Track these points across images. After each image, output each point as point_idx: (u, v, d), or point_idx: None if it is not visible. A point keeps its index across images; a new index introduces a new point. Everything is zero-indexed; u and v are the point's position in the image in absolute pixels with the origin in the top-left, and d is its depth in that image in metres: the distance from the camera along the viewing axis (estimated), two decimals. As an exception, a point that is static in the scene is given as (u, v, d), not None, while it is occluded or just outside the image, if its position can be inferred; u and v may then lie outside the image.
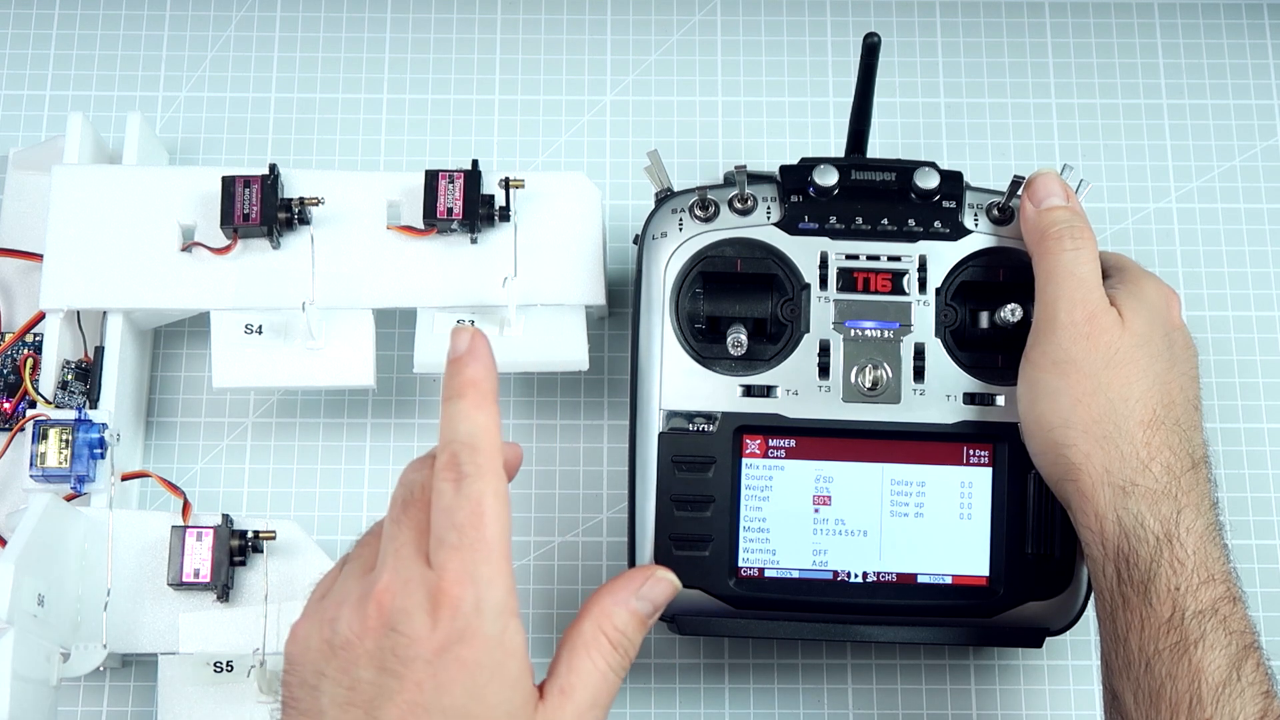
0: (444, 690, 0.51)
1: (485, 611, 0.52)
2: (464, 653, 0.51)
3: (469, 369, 0.55)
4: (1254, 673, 0.59)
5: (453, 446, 0.53)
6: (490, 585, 0.52)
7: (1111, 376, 0.63)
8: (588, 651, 0.55)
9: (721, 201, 0.71)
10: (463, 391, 0.55)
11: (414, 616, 0.52)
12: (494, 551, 0.52)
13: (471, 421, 0.54)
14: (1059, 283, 0.66)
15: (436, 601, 0.51)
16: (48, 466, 0.70)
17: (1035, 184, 0.69)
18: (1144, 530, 0.61)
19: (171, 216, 0.75)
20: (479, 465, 0.53)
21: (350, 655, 0.52)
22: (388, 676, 0.52)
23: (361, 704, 0.52)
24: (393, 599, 0.52)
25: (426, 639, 0.51)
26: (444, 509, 0.53)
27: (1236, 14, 0.87)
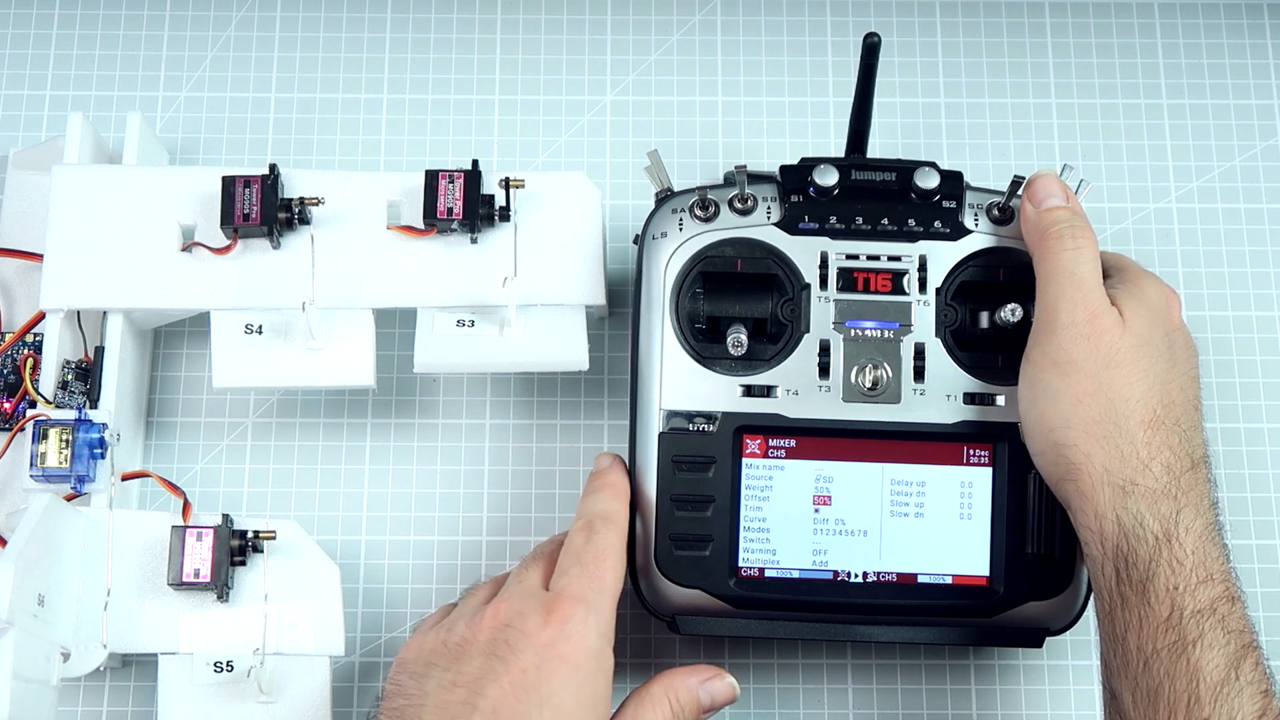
0: (545, 678, 0.59)
1: (591, 626, 0.60)
2: (568, 650, 0.59)
3: (611, 475, 0.68)
4: (1252, 672, 0.59)
5: (590, 516, 0.65)
6: (599, 611, 0.61)
7: (1112, 377, 0.63)
8: (652, 705, 0.63)
9: (721, 201, 0.71)
10: (603, 487, 0.67)
11: (529, 618, 0.60)
12: (607, 588, 0.62)
13: (609, 505, 0.66)
14: (1059, 283, 0.66)
15: (550, 609, 0.60)
16: (48, 466, 0.70)
17: (1035, 184, 0.69)
18: (1143, 530, 0.61)
19: (171, 216, 0.75)
20: (610, 529, 0.65)
21: (462, 650, 0.61)
22: (495, 661, 0.59)
23: (466, 684, 0.59)
24: (510, 607, 0.61)
25: (538, 633, 0.60)
26: (572, 550, 0.63)
27: (1236, 14, 0.87)
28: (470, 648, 0.61)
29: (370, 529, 0.77)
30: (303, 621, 0.71)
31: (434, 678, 0.60)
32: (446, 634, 0.62)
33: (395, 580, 0.77)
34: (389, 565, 0.77)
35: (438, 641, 0.62)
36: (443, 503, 0.78)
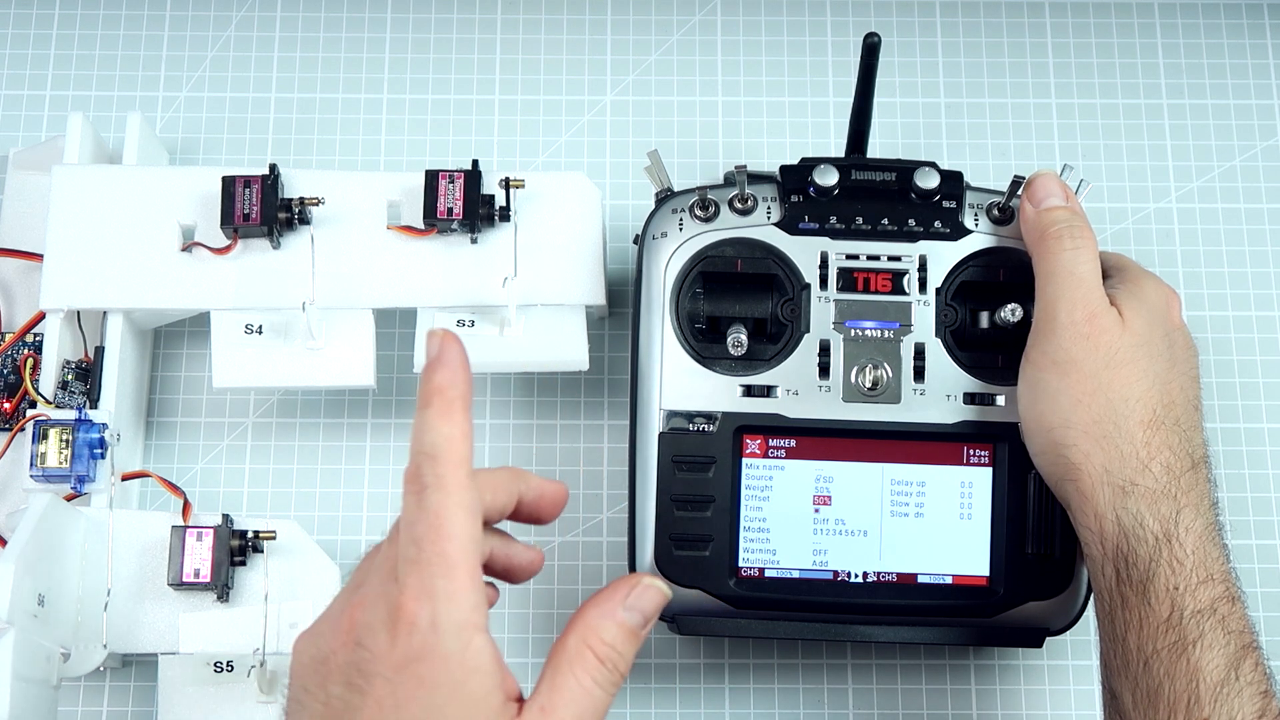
0: (402, 708, 0.49)
1: (443, 628, 0.50)
2: (421, 670, 0.50)
3: (436, 375, 0.53)
4: (1252, 672, 0.59)
5: (417, 457, 0.51)
6: (449, 601, 0.50)
7: (1112, 376, 0.63)
8: (571, 667, 0.52)
9: (722, 201, 0.71)
10: (429, 399, 0.52)
11: (376, 632, 0.50)
12: (454, 566, 0.50)
13: (435, 431, 0.51)
14: (1059, 282, 0.66)
15: (395, 617, 0.50)
16: (48, 466, 0.70)
17: (1035, 184, 0.69)
18: (1143, 530, 0.61)
19: (171, 216, 0.75)
20: (440, 476, 0.51)
21: (325, 670, 0.51)
22: (353, 693, 0.50)
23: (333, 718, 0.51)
24: (361, 616, 0.51)
25: (386, 656, 0.50)
26: (406, 523, 0.51)
27: (1236, 14, 0.87)
28: (331, 669, 0.51)
29: (370, 529, 0.77)
30: (303, 621, 0.70)
31: (308, 707, 0.52)
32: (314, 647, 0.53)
33: (395, 580, 0.77)
34: (389, 565, 0.77)
35: (309, 658, 0.53)
36: (443, 503, 0.78)
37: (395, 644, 0.50)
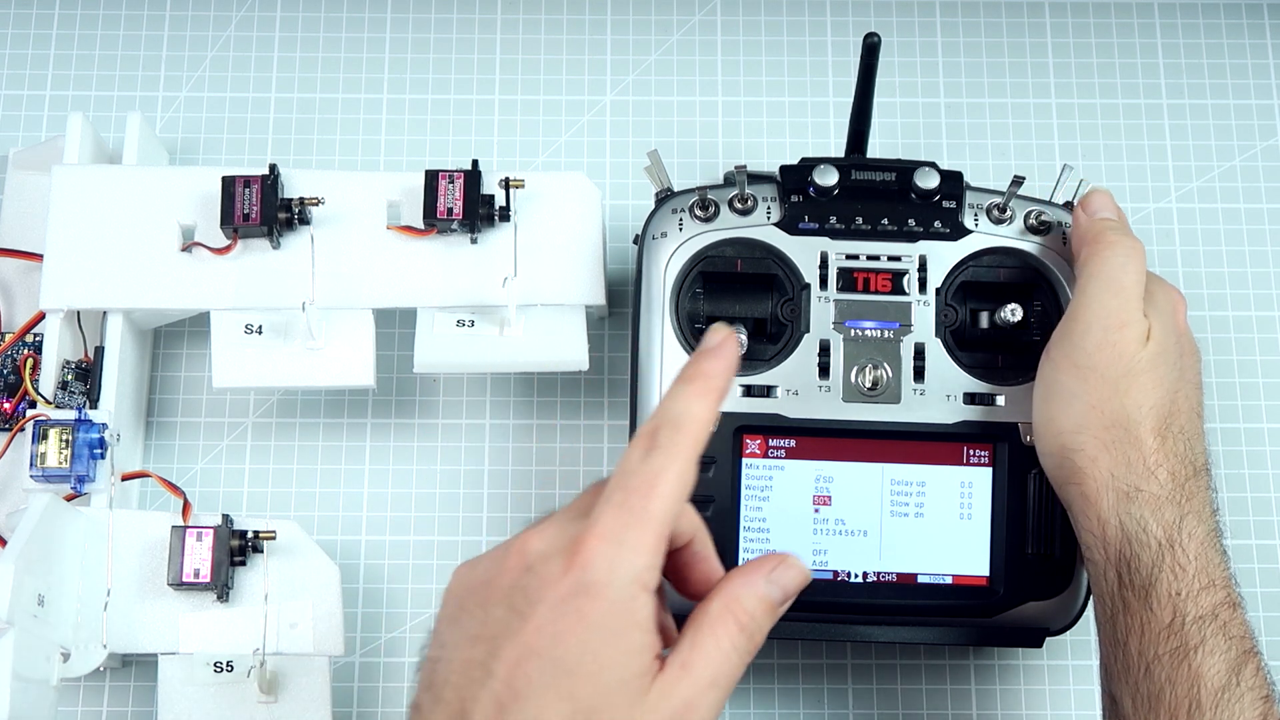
0: (559, 640, 0.50)
1: (618, 574, 0.51)
2: (586, 607, 0.50)
3: (708, 362, 0.55)
4: (1253, 678, 0.59)
5: (658, 420, 0.53)
6: (633, 552, 0.51)
7: (1129, 384, 0.63)
8: (713, 629, 0.53)
9: (721, 201, 0.71)
10: (692, 378, 0.54)
11: (550, 560, 0.51)
12: (650, 523, 0.51)
13: (687, 404, 0.54)
14: (1101, 285, 0.65)
15: (575, 549, 0.51)
16: (48, 466, 0.70)
17: (1091, 196, 0.69)
18: (1146, 535, 0.61)
19: (171, 216, 0.75)
20: (674, 443, 0.53)
21: (487, 592, 0.52)
22: (514, 615, 0.51)
23: (487, 639, 0.51)
24: (537, 544, 0.52)
25: (555, 584, 0.51)
26: (623, 471, 0.53)
27: (1236, 14, 0.87)
28: (494, 592, 0.52)
29: (370, 529, 0.77)
30: (303, 621, 0.71)
31: (462, 626, 0.53)
32: (484, 568, 0.54)
33: (395, 580, 0.77)
34: (389, 565, 0.77)
35: (473, 577, 0.54)
36: (443, 503, 0.78)
37: (568, 574, 0.50)
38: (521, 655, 0.50)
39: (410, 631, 0.76)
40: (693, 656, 0.52)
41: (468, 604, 0.53)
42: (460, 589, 0.54)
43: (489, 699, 0.50)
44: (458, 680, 0.51)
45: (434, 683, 0.52)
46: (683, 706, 0.51)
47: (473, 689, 0.51)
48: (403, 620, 0.76)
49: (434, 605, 0.75)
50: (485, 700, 0.50)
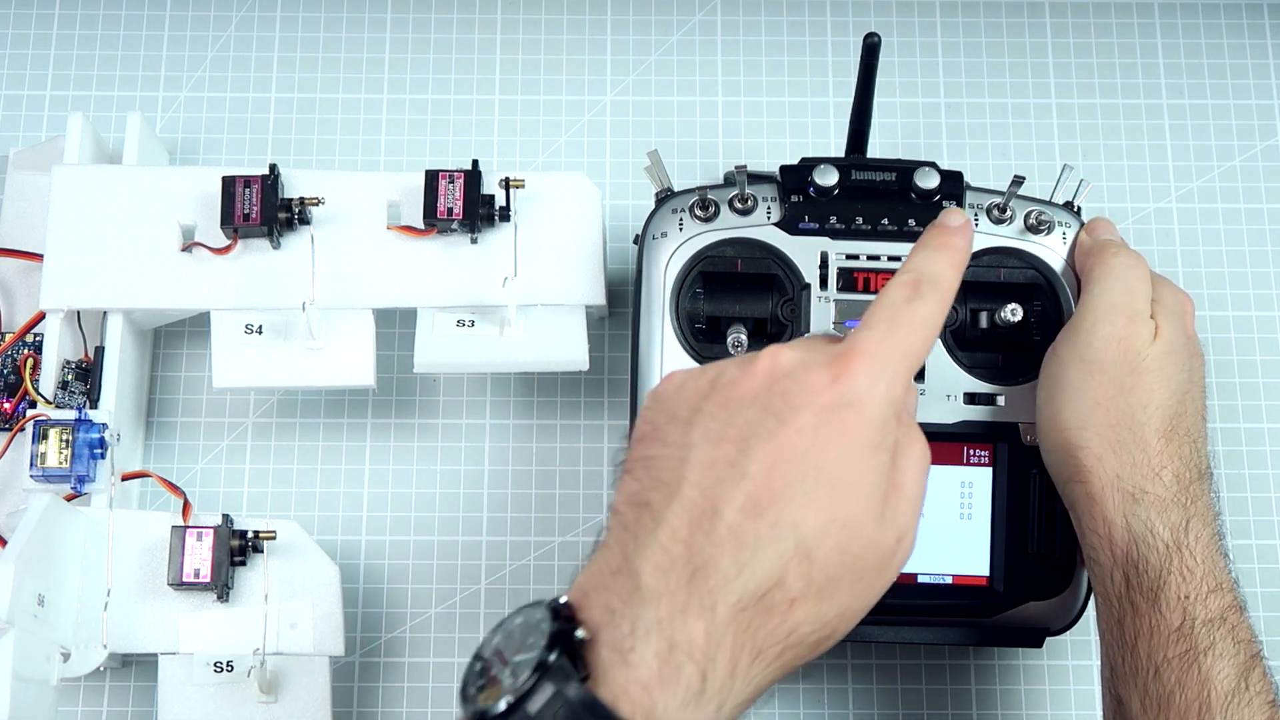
0: (820, 447, 0.51)
1: (879, 394, 0.52)
2: (849, 419, 0.52)
3: (956, 237, 0.59)
4: (1260, 682, 0.59)
5: (920, 274, 0.56)
6: (893, 379, 0.53)
7: (1135, 383, 0.63)
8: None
9: (722, 201, 0.71)
10: (942, 246, 0.58)
11: (812, 371, 0.52)
12: (909, 360, 0.54)
13: (942, 267, 0.57)
14: (1108, 284, 0.65)
15: (841, 363, 0.52)
16: (48, 466, 0.70)
17: (1095, 223, 0.70)
18: (1153, 538, 0.61)
19: (171, 216, 0.75)
20: (935, 296, 0.56)
21: (733, 394, 0.53)
22: (769, 417, 0.52)
23: (734, 439, 0.52)
24: (790, 353, 0.54)
25: (821, 391, 0.52)
26: (886, 306, 0.55)
27: (1236, 14, 0.87)
28: (742, 394, 0.53)
29: (370, 529, 0.77)
30: (303, 621, 0.70)
31: (701, 426, 0.53)
32: (717, 375, 0.54)
33: (395, 580, 0.77)
34: (389, 565, 0.77)
35: (705, 382, 0.54)
36: (443, 503, 0.78)
37: (833, 385, 0.52)
38: (778, 457, 0.51)
39: (410, 631, 0.76)
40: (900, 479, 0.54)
41: (704, 406, 0.53)
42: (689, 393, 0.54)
43: (742, 497, 0.51)
44: (701, 477, 0.51)
45: (665, 479, 0.52)
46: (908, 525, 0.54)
47: (723, 486, 0.51)
48: (403, 620, 0.76)
49: (434, 605, 0.76)
50: (737, 498, 0.50)
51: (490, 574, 0.77)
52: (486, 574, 0.77)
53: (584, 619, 0.50)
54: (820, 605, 0.51)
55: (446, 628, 0.76)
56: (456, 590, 0.76)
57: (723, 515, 0.50)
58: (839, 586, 0.51)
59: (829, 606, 0.52)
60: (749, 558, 0.50)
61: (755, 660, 0.50)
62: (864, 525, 0.52)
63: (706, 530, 0.50)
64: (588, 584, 0.51)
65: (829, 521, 0.51)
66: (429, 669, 0.75)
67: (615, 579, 0.50)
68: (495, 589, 0.76)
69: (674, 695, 0.48)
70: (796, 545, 0.50)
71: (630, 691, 0.48)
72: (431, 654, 0.76)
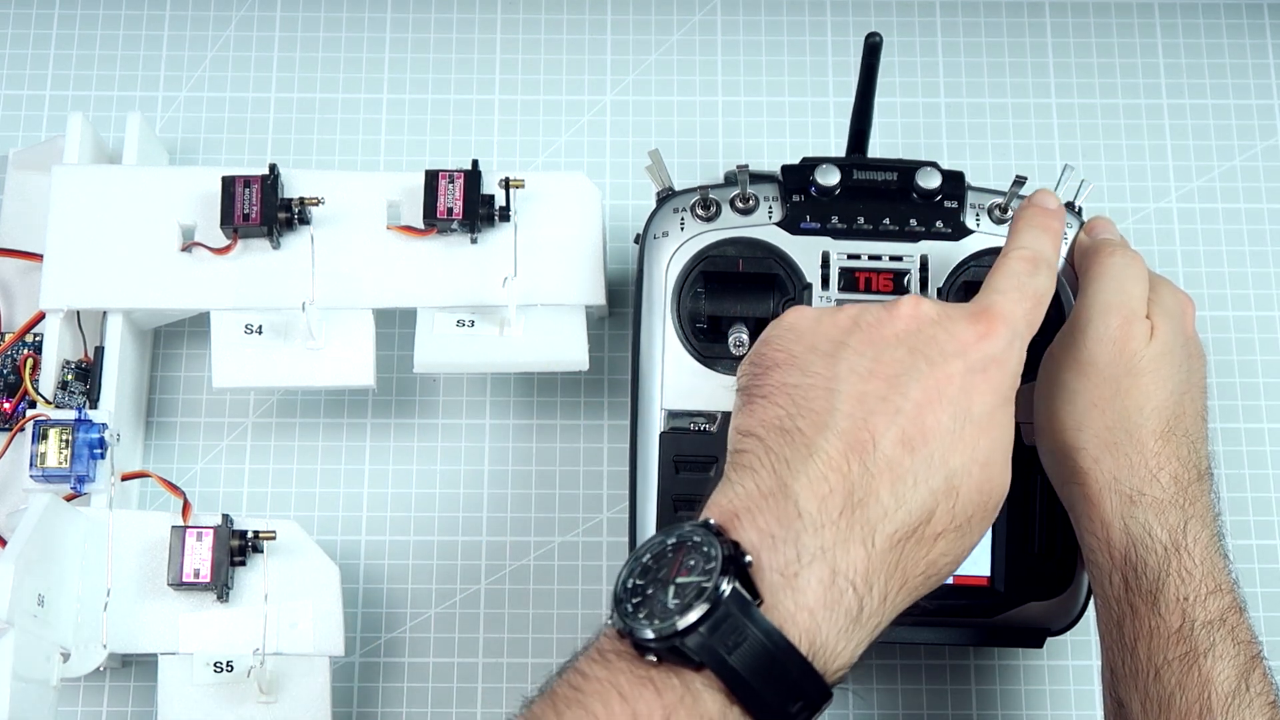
0: (967, 393, 0.54)
1: (1014, 354, 0.57)
2: (993, 372, 0.55)
3: (1056, 220, 0.63)
4: (1261, 683, 0.59)
5: (1036, 251, 0.61)
6: (1023, 344, 0.58)
7: (1131, 384, 0.63)
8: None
9: (723, 201, 0.71)
10: (1050, 227, 0.62)
11: (957, 322, 0.56)
12: (1032, 329, 0.59)
13: (1051, 248, 0.62)
14: (1103, 285, 0.65)
15: (986, 321, 0.56)
16: (48, 466, 0.70)
17: (1094, 222, 0.70)
18: (1152, 540, 0.61)
19: (171, 216, 0.75)
20: (1050, 274, 0.60)
21: (879, 333, 0.56)
22: (919, 358, 0.55)
23: (885, 377, 0.54)
24: (931, 306, 0.57)
25: (971, 345, 0.55)
26: (1014, 275, 0.59)
27: (1236, 14, 0.87)
28: (889, 334, 0.56)
29: (370, 529, 0.77)
30: (303, 621, 0.70)
31: (847, 360, 0.55)
32: (859, 313, 0.57)
33: (395, 580, 0.77)
34: (389, 565, 0.77)
35: (847, 318, 0.57)
36: (443, 503, 0.78)
37: (982, 341, 0.56)
38: (930, 397, 0.54)
39: (410, 631, 0.76)
40: None
41: (849, 341, 0.56)
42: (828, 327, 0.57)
43: (897, 431, 0.53)
44: (854, 409, 0.54)
45: (815, 408, 0.54)
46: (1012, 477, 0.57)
47: (877, 419, 0.53)
48: (403, 620, 0.76)
49: (434, 605, 0.75)
50: (892, 432, 0.53)
51: (490, 574, 0.77)
52: (486, 574, 0.77)
53: (742, 540, 0.51)
54: (958, 539, 0.55)
55: (446, 628, 0.76)
56: (456, 590, 0.76)
57: (880, 447, 0.53)
58: (973, 522, 0.55)
59: (964, 540, 0.55)
60: (907, 491, 0.53)
61: (901, 589, 0.53)
62: (997, 468, 0.56)
63: (865, 461, 0.53)
64: (736, 504, 0.53)
65: (972, 461, 0.54)
66: (429, 669, 0.75)
67: (769, 502, 0.52)
68: (495, 589, 0.76)
69: (835, 621, 0.51)
70: (946, 480, 0.53)
71: (797, 617, 0.50)
72: (431, 654, 0.76)
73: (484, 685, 0.75)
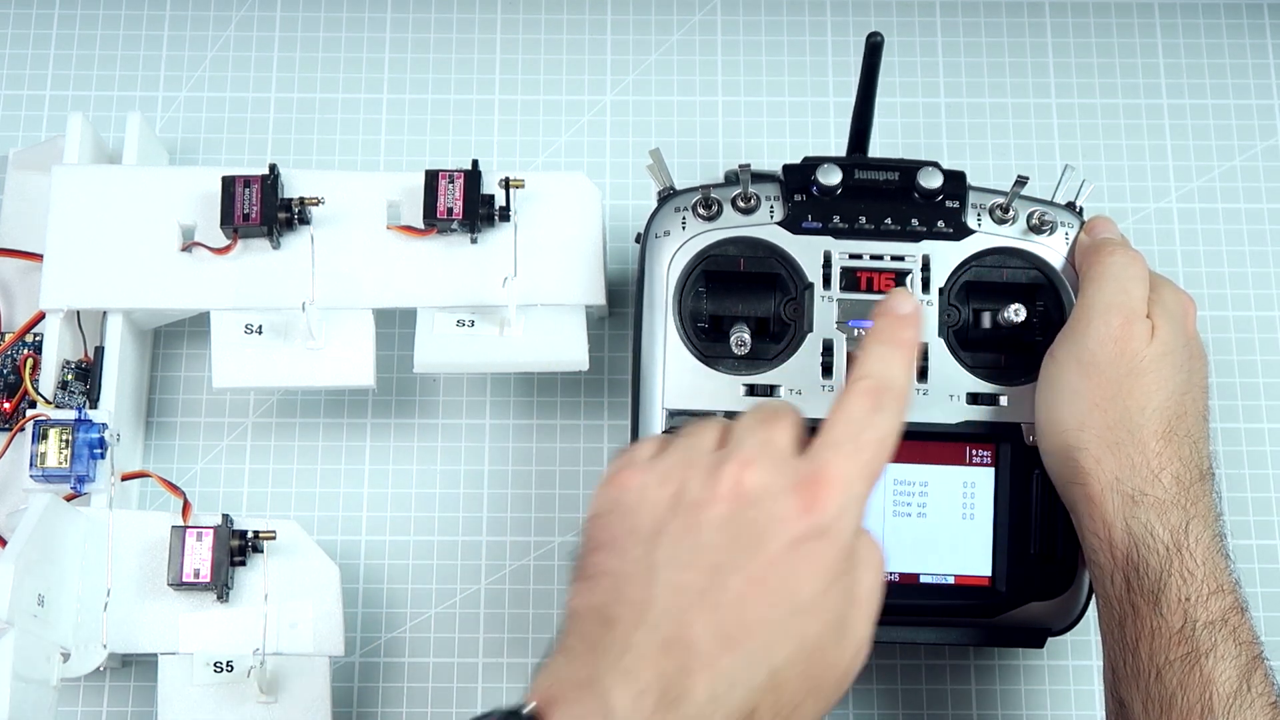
0: (792, 578, 0.51)
1: (847, 519, 0.52)
2: (821, 549, 0.51)
3: (911, 331, 0.58)
4: (1262, 683, 0.59)
5: (879, 381, 0.55)
6: (859, 501, 0.53)
7: (1133, 384, 0.63)
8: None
9: (725, 200, 0.70)
10: (903, 344, 0.57)
11: (779, 498, 0.52)
12: (873, 479, 0.54)
13: (898, 371, 0.56)
14: (1103, 285, 0.66)
15: (808, 490, 0.52)
16: (48, 466, 0.70)
17: (1095, 222, 0.70)
18: (1153, 540, 0.61)
19: (171, 216, 0.74)
20: (896, 408, 0.55)
21: (698, 517, 0.52)
22: (739, 546, 0.51)
23: (704, 567, 0.51)
24: (756, 474, 0.52)
25: (792, 522, 0.51)
26: (852, 420, 0.54)
27: (1236, 14, 0.87)
28: (708, 515, 0.52)
29: (370, 529, 0.77)
30: (303, 621, 0.70)
31: (665, 547, 0.52)
32: (679, 489, 0.53)
33: (395, 580, 0.77)
34: (389, 565, 0.77)
35: (669, 495, 0.53)
36: (443, 503, 0.78)
37: (804, 515, 0.51)
38: (749, 589, 0.50)
39: (410, 631, 0.76)
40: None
41: (668, 527, 0.52)
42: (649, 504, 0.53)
43: (714, 629, 0.50)
44: (671, 603, 0.51)
45: (631, 598, 0.51)
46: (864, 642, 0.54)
47: (693, 615, 0.50)
48: (403, 620, 0.76)
49: (434, 605, 0.75)
50: (709, 629, 0.50)
51: (490, 574, 0.77)
52: (486, 574, 0.77)
53: None
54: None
55: (446, 628, 0.76)
56: (456, 590, 0.76)
57: (696, 646, 0.50)
58: (802, 708, 0.52)
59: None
60: (724, 691, 0.49)
61: None
62: (828, 649, 0.52)
63: (679, 660, 0.49)
64: (555, 692, 0.50)
65: (799, 651, 0.51)
66: (429, 669, 0.75)
67: (583, 694, 0.50)
68: (495, 589, 0.76)
69: None
70: (770, 677, 0.50)
71: None
72: (431, 654, 0.76)
73: (484, 685, 0.75)
